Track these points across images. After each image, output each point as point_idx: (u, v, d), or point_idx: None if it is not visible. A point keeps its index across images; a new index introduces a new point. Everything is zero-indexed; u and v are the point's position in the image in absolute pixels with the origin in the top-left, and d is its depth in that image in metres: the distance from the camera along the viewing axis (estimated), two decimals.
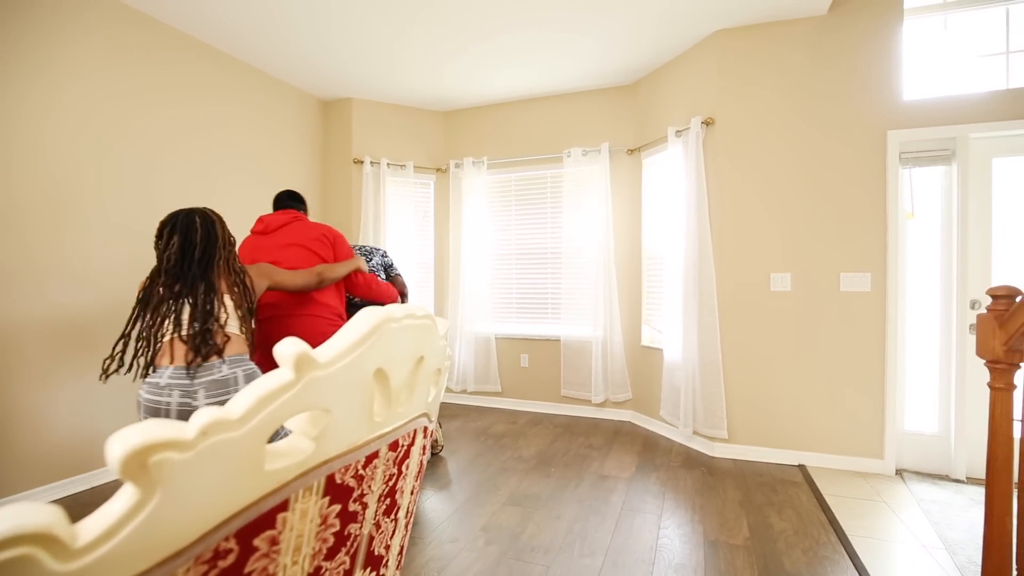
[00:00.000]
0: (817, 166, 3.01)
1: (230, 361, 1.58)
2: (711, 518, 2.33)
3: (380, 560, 0.67)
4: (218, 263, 1.65)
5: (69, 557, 0.35)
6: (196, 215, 1.65)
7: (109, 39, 2.82)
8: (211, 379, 1.54)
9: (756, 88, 3.12)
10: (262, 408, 0.41)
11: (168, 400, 1.50)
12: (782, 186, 3.07)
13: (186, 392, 1.51)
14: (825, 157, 2.99)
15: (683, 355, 3.28)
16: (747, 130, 3.15)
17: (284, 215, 2.23)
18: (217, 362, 1.56)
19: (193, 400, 1.52)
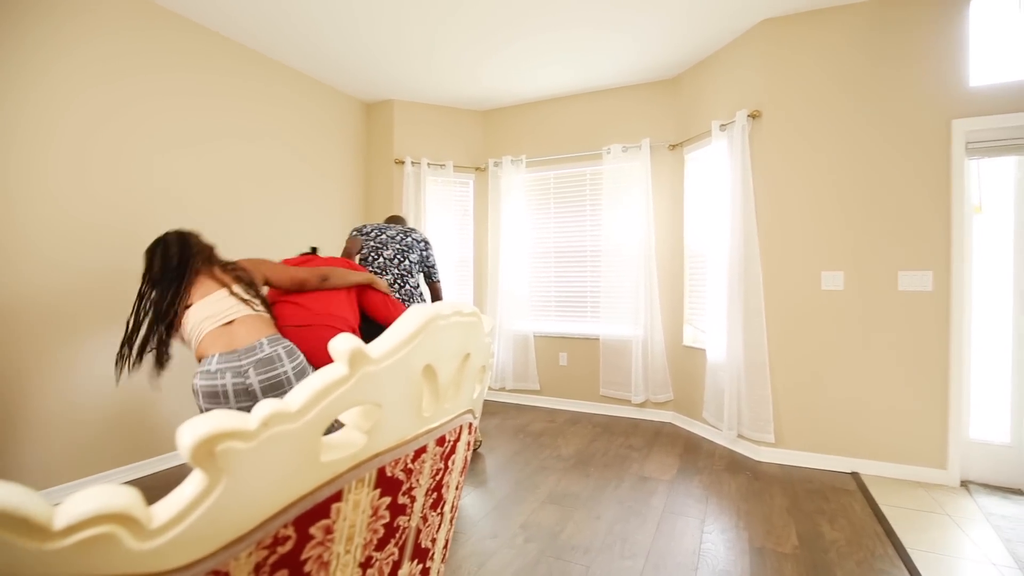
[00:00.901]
0: (873, 159, 2.86)
1: (269, 340, 1.71)
2: (757, 524, 2.26)
3: (426, 553, 0.68)
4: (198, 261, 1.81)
5: (146, 537, 0.37)
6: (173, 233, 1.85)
7: (167, 47, 2.98)
8: (256, 358, 1.66)
9: (805, 78, 2.99)
10: (318, 401, 0.43)
11: (224, 382, 1.63)
12: (834, 180, 2.94)
13: (237, 372, 1.64)
14: (882, 149, 2.84)
15: (727, 356, 3.19)
16: (796, 122, 3.02)
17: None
18: (257, 343, 1.69)
19: (245, 379, 1.64)
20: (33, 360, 2.42)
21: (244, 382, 1.63)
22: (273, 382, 1.66)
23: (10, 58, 2.33)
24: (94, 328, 2.65)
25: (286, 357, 1.70)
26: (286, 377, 1.67)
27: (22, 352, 2.38)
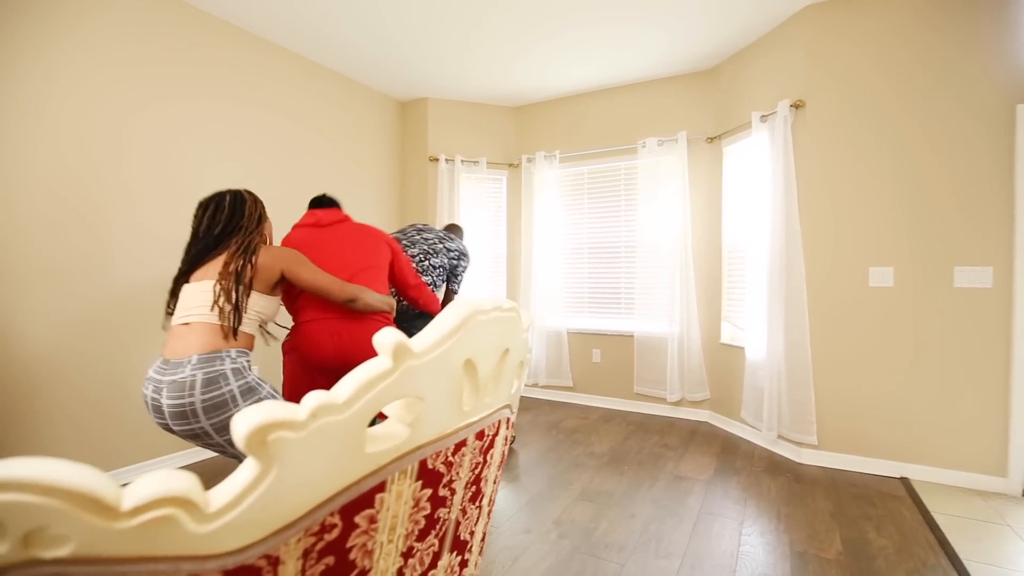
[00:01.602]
0: (926, 147, 2.71)
1: (200, 359, 1.42)
2: (799, 528, 2.19)
3: (465, 545, 0.69)
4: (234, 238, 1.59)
5: (204, 520, 0.39)
6: (225, 197, 1.63)
7: (213, 50, 3.09)
8: (172, 379, 1.42)
9: (852, 65, 2.86)
10: (364, 393, 0.44)
11: (145, 392, 1.46)
12: (884, 171, 2.80)
13: (156, 387, 1.44)
14: (936, 138, 2.69)
15: (768, 354, 3.10)
16: (842, 111, 2.90)
17: (334, 213, 2.09)
18: (186, 359, 1.43)
19: (160, 397, 1.42)
20: (109, 347, 2.56)
21: (158, 400, 1.43)
22: (178, 410, 1.40)
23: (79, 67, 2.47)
24: (156, 321, 2.78)
25: (200, 387, 1.40)
26: (191, 409, 1.39)
27: (101, 341, 2.52)
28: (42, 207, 2.39)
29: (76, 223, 2.51)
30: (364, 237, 2.05)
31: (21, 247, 2.32)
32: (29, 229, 2.35)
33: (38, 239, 2.38)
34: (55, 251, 2.43)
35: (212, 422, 1.39)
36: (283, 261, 1.65)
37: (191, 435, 1.42)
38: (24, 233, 2.33)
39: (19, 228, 2.32)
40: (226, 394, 1.40)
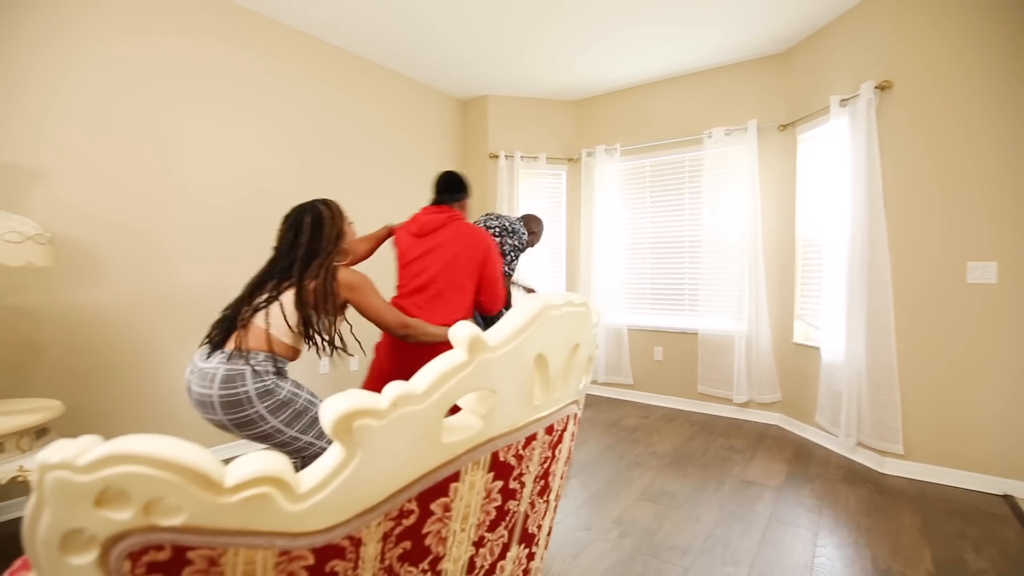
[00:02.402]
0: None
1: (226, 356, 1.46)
2: (882, 543, 2.04)
3: (532, 538, 0.70)
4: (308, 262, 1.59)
5: (295, 500, 0.41)
6: (306, 214, 1.64)
7: (282, 57, 3.27)
8: (202, 367, 1.47)
9: (946, 41, 2.60)
10: (441, 385, 0.45)
11: (186, 373, 1.53)
12: (985, 155, 2.53)
13: (192, 372, 1.49)
14: None
15: (847, 355, 2.89)
16: (935, 91, 2.64)
17: (439, 214, 2.03)
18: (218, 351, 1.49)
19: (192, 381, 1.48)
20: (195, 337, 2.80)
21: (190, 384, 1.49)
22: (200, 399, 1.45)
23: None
24: None
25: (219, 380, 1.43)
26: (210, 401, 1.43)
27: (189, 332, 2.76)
28: (124, 205, 2.63)
29: (151, 220, 2.74)
30: (459, 251, 1.96)
31: (133, 241, 2.57)
32: (126, 222, 2.59)
33: (139, 232, 2.62)
34: (149, 246, 2.67)
35: (230, 418, 1.44)
36: (349, 290, 1.62)
37: (215, 424, 1.49)
38: (125, 227, 2.58)
39: (123, 220, 2.56)
40: (241, 394, 1.43)
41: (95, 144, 2.47)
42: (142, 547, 0.37)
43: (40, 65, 2.30)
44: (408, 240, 2.08)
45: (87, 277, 2.44)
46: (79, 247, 2.42)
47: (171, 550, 0.38)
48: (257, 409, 1.44)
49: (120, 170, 2.55)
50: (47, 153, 2.33)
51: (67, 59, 2.37)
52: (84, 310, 2.43)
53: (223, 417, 1.44)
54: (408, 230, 2.10)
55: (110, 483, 0.35)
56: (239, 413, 1.44)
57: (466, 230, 2.04)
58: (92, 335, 2.46)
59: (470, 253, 2.00)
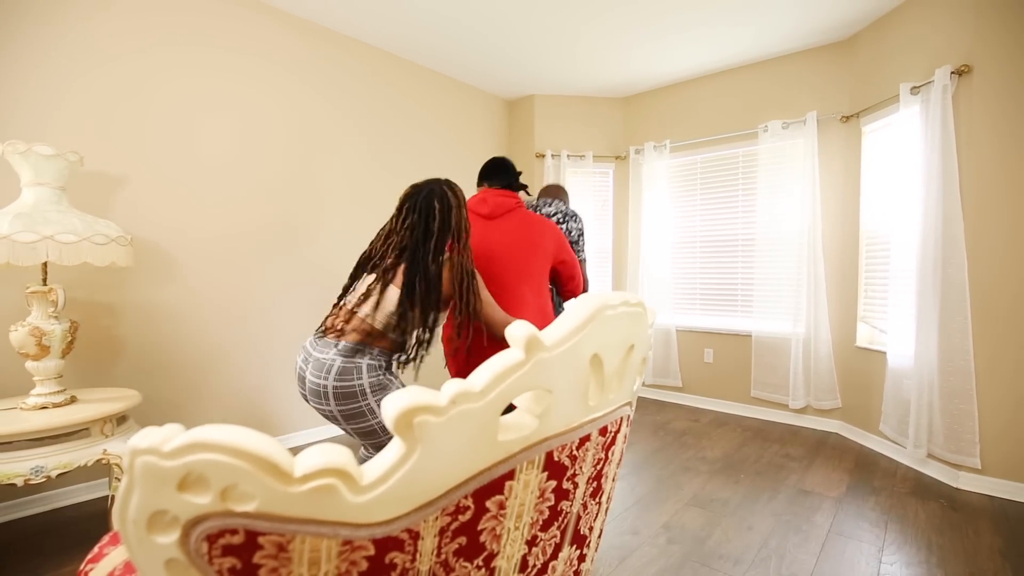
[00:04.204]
0: None
1: (344, 348, 1.45)
2: (956, 563, 1.90)
3: (584, 540, 0.69)
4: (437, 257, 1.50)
5: (359, 491, 0.43)
6: (435, 199, 1.53)
7: (340, 68, 3.39)
8: (318, 356, 1.47)
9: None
10: (498, 383, 0.45)
11: (296, 361, 1.53)
12: None
13: (305, 360, 1.49)
14: None
15: (916, 361, 2.71)
16: (1021, 75, 2.43)
17: (508, 198, 1.85)
18: (334, 342, 1.47)
19: (306, 369, 1.48)
20: (261, 336, 2.95)
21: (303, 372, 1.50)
22: (315, 388, 1.47)
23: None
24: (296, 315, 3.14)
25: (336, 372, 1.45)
26: (324, 390, 1.45)
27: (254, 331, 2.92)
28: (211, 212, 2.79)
29: (232, 229, 2.89)
30: (532, 236, 1.80)
31: (195, 252, 2.74)
32: (206, 231, 2.76)
33: (207, 241, 2.78)
34: (218, 253, 2.83)
35: (341, 409, 1.46)
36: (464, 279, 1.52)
37: (324, 414, 1.52)
38: (199, 237, 2.74)
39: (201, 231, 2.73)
40: (356, 387, 1.44)
41: (171, 155, 2.64)
42: (219, 530, 0.39)
43: (127, 82, 2.48)
44: (479, 227, 1.82)
45: (163, 277, 2.62)
46: (155, 249, 2.59)
47: (244, 535, 0.40)
48: (369, 403, 1.44)
49: (192, 179, 2.72)
50: (129, 162, 2.51)
51: (148, 74, 2.55)
52: (160, 308, 2.61)
53: (334, 407, 1.46)
54: (477, 211, 1.83)
55: (191, 469, 0.37)
56: (351, 405, 1.45)
57: (535, 218, 1.87)
58: (166, 331, 2.63)
59: (543, 242, 1.82)
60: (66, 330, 1.89)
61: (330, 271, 3.34)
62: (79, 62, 2.35)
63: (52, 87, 2.28)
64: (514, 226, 1.82)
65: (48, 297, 1.87)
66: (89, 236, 1.81)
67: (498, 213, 1.83)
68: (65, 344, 1.90)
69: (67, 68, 2.32)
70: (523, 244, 1.79)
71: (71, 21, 2.33)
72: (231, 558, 0.40)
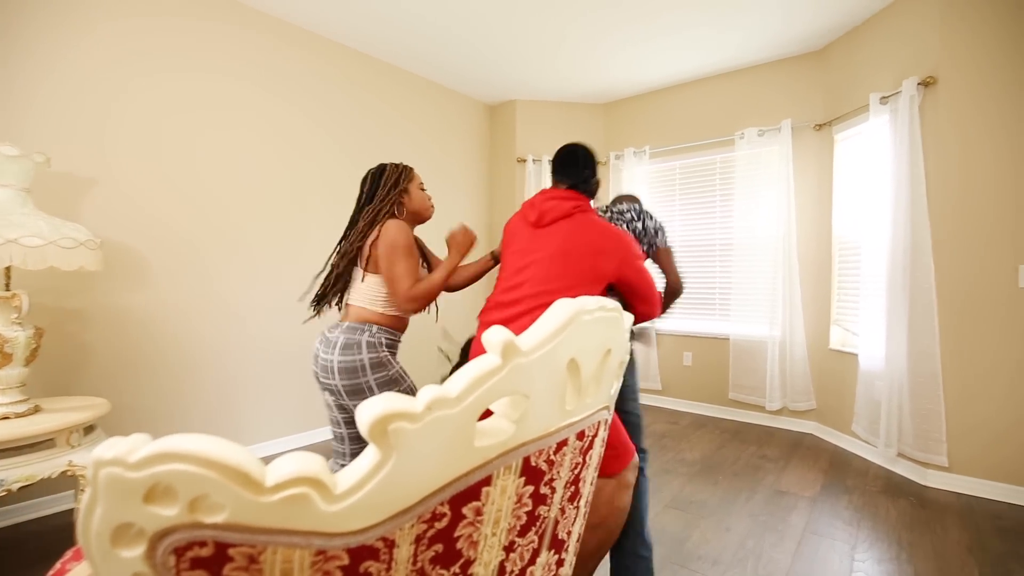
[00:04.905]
0: None
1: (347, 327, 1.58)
2: (926, 559, 1.95)
3: (562, 544, 0.69)
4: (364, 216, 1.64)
5: (332, 500, 0.42)
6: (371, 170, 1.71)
7: (316, 69, 3.35)
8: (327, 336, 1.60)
9: (996, 34, 2.48)
10: (475, 389, 0.45)
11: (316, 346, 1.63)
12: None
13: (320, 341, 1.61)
14: None
15: (887, 363, 2.78)
16: (983, 86, 2.53)
17: (566, 201, 1.55)
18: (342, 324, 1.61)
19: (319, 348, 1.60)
20: (238, 341, 2.89)
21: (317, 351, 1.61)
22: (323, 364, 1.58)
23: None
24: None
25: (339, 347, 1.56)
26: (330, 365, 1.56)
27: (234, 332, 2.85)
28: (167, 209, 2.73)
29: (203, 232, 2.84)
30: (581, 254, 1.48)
31: (171, 250, 2.67)
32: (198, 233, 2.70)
33: (193, 246, 2.72)
34: (194, 257, 2.77)
35: (344, 384, 1.55)
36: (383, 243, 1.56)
37: (331, 391, 1.60)
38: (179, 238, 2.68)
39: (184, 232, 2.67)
40: (357, 362, 1.55)
41: (141, 156, 2.58)
42: (187, 543, 0.38)
43: (94, 81, 2.41)
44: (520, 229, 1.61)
45: (133, 281, 2.55)
46: (126, 253, 2.52)
47: (213, 546, 0.39)
48: (369, 380, 1.54)
49: (163, 181, 2.66)
50: (98, 163, 2.44)
51: (119, 77, 2.49)
52: (130, 313, 2.53)
53: (339, 382, 1.55)
54: (526, 217, 1.61)
55: (159, 480, 0.36)
56: (353, 381, 1.55)
57: (593, 227, 1.51)
58: (137, 337, 2.56)
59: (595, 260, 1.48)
60: (30, 337, 1.83)
61: (307, 276, 3.29)
62: (46, 62, 2.29)
63: (18, 87, 2.21)
64: (561, 237, 1.49)
65: (11, 303, 1.80)
66: (56, 240, 1.76)
67: (546, 221, 1.54)
68: (29, 351, 1.83)
69: (34, 68, 2.25)
70: (563, 258, 1.47)
71: (39, 23, 2.26)
72: (200, 571, 0.39)
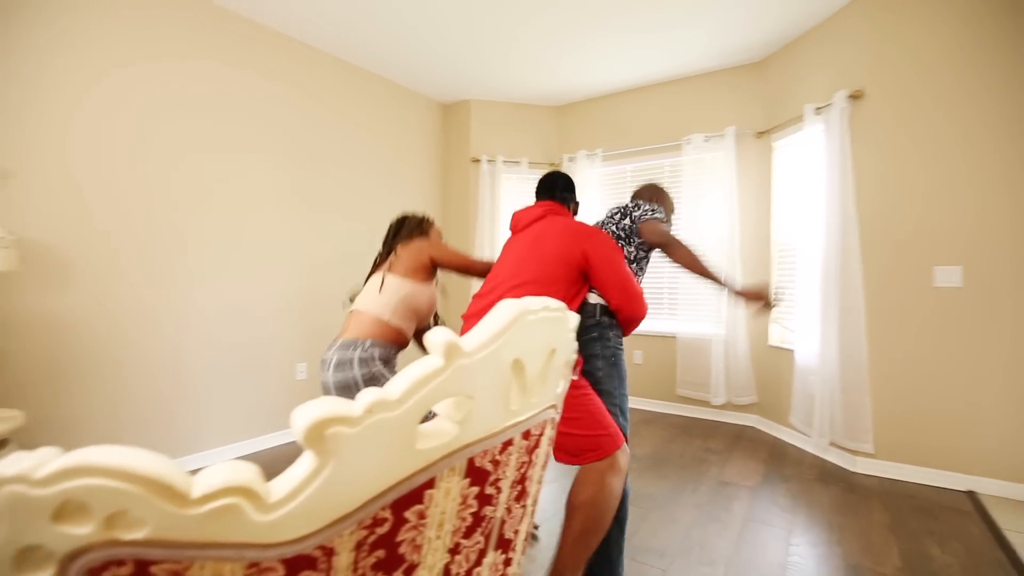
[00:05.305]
0: (1001, 138, 2.52)
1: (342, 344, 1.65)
2: (853, 540, 2.09)
3: (509, 544, 0.69)
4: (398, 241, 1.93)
5: (265, 510, 0.40)
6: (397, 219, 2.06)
7: (256, 57, 3.23)
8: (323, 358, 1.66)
9: (916, 53, 2.69)
10: (416, 391, 0.45)
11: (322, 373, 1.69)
12: (952, 164, 2.62)
13: (323, 364, 1.66)
14: (1011, 128, 2.49)
15: (820, 358, 2.96)
16: (905, 101, 2.73)
17: (536, 208, 1.78)
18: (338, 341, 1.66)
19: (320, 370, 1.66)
20: (170, 344, 2.72)
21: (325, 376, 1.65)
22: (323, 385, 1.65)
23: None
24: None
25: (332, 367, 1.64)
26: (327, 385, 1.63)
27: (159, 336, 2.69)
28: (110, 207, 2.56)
29: (135, 225, 2.67)
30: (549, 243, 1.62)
31: (95, 251, 2.49)
32: (109, 232, 2.52)
33: (106, 241, 2.54)
34: (113, 254, 2.60)
35: None
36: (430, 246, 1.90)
37: None
38: (103, 235, 2.50)
39: (101, 232, 2.49)
40: (350, 379, 1.58)
41: (62, 148, 2.40)
42: (102, 562, 0.36)
43: (9, 66, 2.22)
44: (509, 239, 1.79)
45: (54, 282, 2.36)
46: (46, 251, 2.34)
47: (133, 565, 0.37)
48: None
49: (88, 175, 2.48)
50: (11, 155, 2.25)
51: (39, 61, 2.30)
52: (50, 317, 2.35)
53: None
54: (511, 228, 1.83)
55: (69, 496, 0.34)
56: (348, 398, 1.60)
57: (561, 222, 1.68)
58: (58, 343, 2.38)
59: (563, 247, 1.60)
60: None
61: (249, 277, 3.16)
62: None
63: None
64: (534, 234, 1.67)
65: None
66: None
67: (521, 225, 1.75)
68: None
69: None
70: (532, 249, 1.62)
71: None
72: None
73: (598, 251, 1.61)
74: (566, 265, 1.58)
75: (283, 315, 3.32)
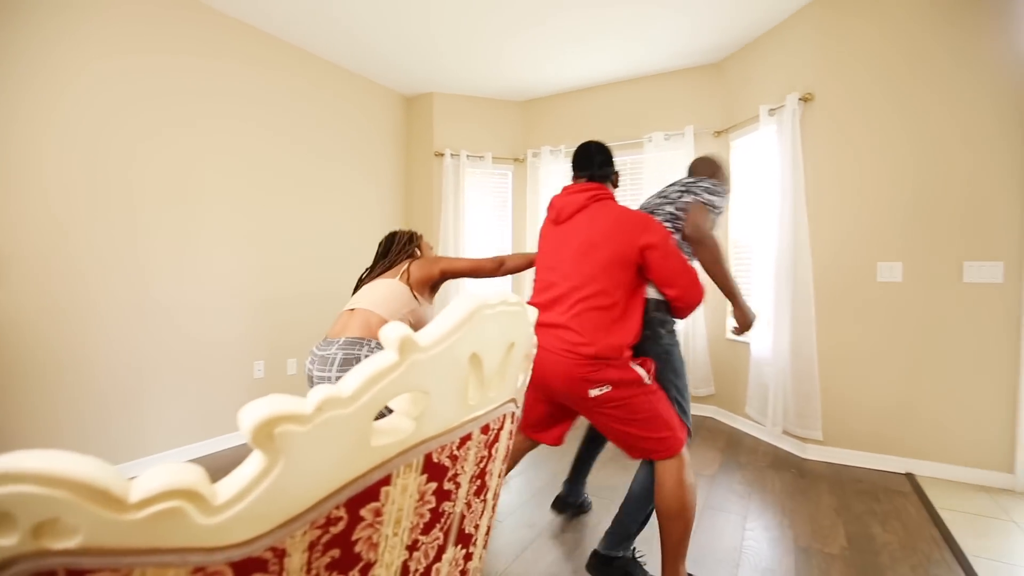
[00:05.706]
0: (938, 141, 2.67)
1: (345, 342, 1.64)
2: (803, 523, 2.19)
3: (470, 539, 0.69)
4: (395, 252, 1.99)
5: (211, 513, 0.39)
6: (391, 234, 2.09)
7: (215, 45, 3.09)
8: (321, 354, 1.64)
9: (861, 59, 2.83)
10: (370, 387, 0.44)
11: (306, 365, 1.71)
12: (893, 165, 2.77)
13: (312, 360, 1.67)
14: (950, 131, 2.65)
15: (773, 350, 3.08)
16: (851, 105, 2.86)
17: (580, 194, 1.64)
18: (336, 339, 1.66)
19: (312, 368, 1.66)
20: (114, 341, 2.59)
21: (311, 371, 1.66)
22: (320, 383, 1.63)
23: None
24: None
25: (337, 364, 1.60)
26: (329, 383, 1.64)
27: (106, 335, 2.55)
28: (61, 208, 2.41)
29: (101, 220, 2.52)
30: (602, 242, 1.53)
31: (20, 247, 2.34)
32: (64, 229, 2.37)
33: (57, 236, 2.39)
34: (55, 251, 2.45)
35: None
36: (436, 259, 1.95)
37: None
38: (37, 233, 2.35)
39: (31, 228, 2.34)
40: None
41: (3, 137, 2.24)
42: (30, 574, 0.34)
43: None
44: (546, 230, 1.71)
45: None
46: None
47: (65, 574, 0.35)
48: None
49: (22, 165, 2.32)
50: None
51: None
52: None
53: None
54: (549, 217, 1.71)
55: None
56: None
57: (611, 215, 1.57)
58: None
59: (620, 247, 1.51)
60: None
61: (200, 273, 3.04)
62: None
63: None
64: (581, 231, 1.57)
65: None
66: None
67: (564, 217, 1.63)
68: None
69: None
70: (585, 252, 1.54)
71: None
72: None
73: (656, 248, 1.53)
74: (623, 266, 1.52)
75: (240, 311, 3.21)
